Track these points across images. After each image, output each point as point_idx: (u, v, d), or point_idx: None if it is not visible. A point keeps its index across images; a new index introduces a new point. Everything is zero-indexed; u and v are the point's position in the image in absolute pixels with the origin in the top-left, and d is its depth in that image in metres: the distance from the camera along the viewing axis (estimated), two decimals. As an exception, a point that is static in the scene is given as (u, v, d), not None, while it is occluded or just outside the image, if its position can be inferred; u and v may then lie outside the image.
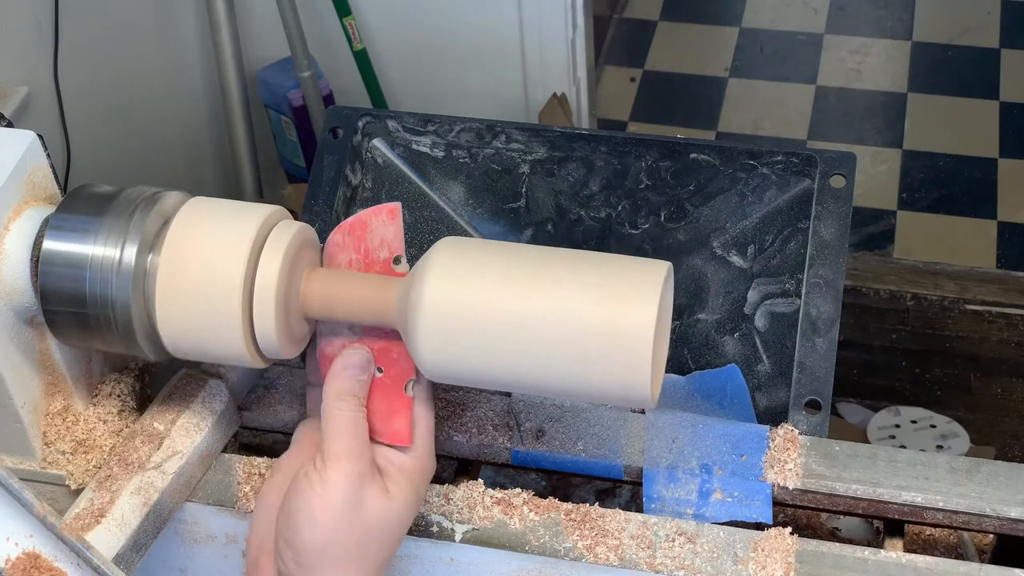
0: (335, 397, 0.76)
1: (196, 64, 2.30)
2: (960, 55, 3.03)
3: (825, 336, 0.92)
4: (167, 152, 2.29)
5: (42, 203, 0.80)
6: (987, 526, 0.83)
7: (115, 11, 2.06)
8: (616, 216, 1.03)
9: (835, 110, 2.91)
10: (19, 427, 0.82)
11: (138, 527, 0.81)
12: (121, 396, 0.87)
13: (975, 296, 2.03)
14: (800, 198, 0.99)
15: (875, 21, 3.14)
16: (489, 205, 1.06)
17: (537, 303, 0.71)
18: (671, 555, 0.81)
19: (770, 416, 0.93)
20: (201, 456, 0.86)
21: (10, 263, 0.77)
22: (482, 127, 1.05)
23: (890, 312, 2.05)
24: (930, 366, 2.04)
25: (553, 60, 2.36)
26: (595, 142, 1.04)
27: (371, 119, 1.06)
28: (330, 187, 1.03)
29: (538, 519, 0.84)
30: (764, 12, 3.17)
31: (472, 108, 2.37)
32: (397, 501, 0.75)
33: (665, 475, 0.86)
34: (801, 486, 0.85)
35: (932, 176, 2.75)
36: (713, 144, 1.02)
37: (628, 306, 0.70)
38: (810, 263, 0.95)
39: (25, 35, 1.82)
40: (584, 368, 0.71)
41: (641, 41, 3.12)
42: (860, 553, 0.81)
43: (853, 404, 2.02)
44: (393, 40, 2.36)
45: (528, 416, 0.89)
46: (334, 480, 0.73)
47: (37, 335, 0.81)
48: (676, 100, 2.98)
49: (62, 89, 1.86)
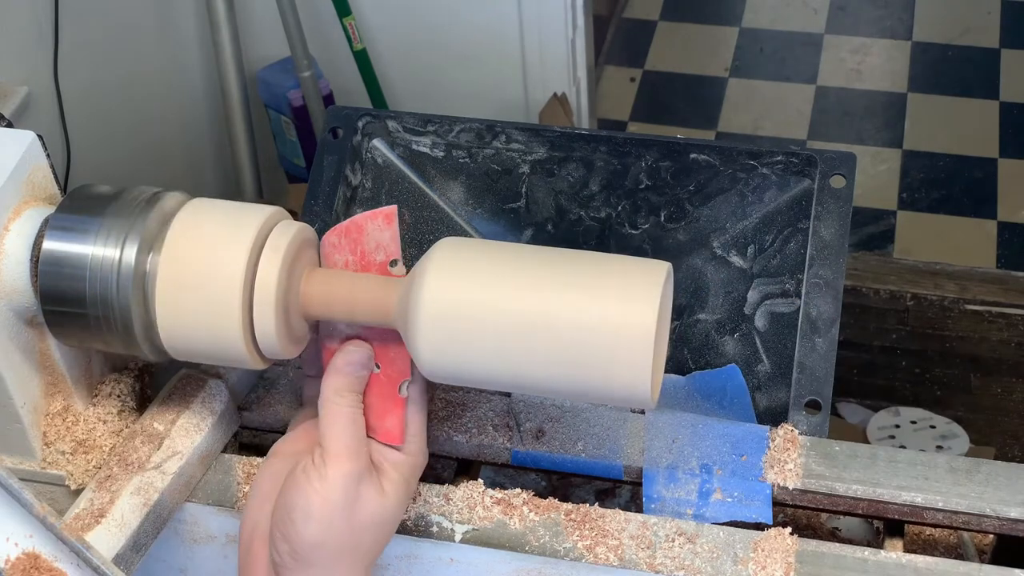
0: (334, 392, 0.76)
1: (196, 64, 2.30)
2: (960, 55, 3.03)
3: (825, 336, 0.92)
4: (167, 152, 2.29)
5: (42, 203, 0.80)
6: (987, 526, 0.83)
7: (115, 11, 2.06)
8: (616, 216, 1.03)
9: (835, 110, 2.92)
10: (19, 427, 0.82)
11: (138, 527, 0.81)
12: (121, 396, 0.87)
13: (975, 296, 2.03)
14: (800, 198, 0.99)
15: (875, 21, 3.14)
16: (489, 205, 1.06)
17: (537, 303, 0.71)
18: (671, 555, 0.81)
19: (770, 416, 0.93)
20: (201, 456, 0.86)
21: (10, 263, 0.77)
22: (482, 127, 1.05)
23: (890, 312, 2.05)
24: (930, 366, 2.04)
25: (553, 60, 2.36)
26: (595, 142, 1.04)
27: (371, 119, 1.06)
28: (330, 187, 1.03)
29: (538, 519, 0.84)
30: (764, 12, 3.18)
31: (472, 108, 2.37)
32: (391, 498, 0.77)
33: (665, 475, 0.86)
34: (801, 486, 0.85)
35: (932, 176, 2.75)
36: (713, 144, 1.02)
37: (628, 306, 0.70)
38: (810, 263, 0.95)
39: (25, 35, 1.82)
40: (584, 368, 0.71)
41: (641, 41, 3.12)
42: (860, 553, 0.81)
43: (853, 404, 2.02)
44: (393, 40, 2.36)
45: (528, 416, 0.89)
46: (333, 478, 0.74)
47: (37, 335, 0.81)
48: (676, 100, 2.98)
49: (62, 89, 1.86)
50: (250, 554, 0.78)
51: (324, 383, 0.77)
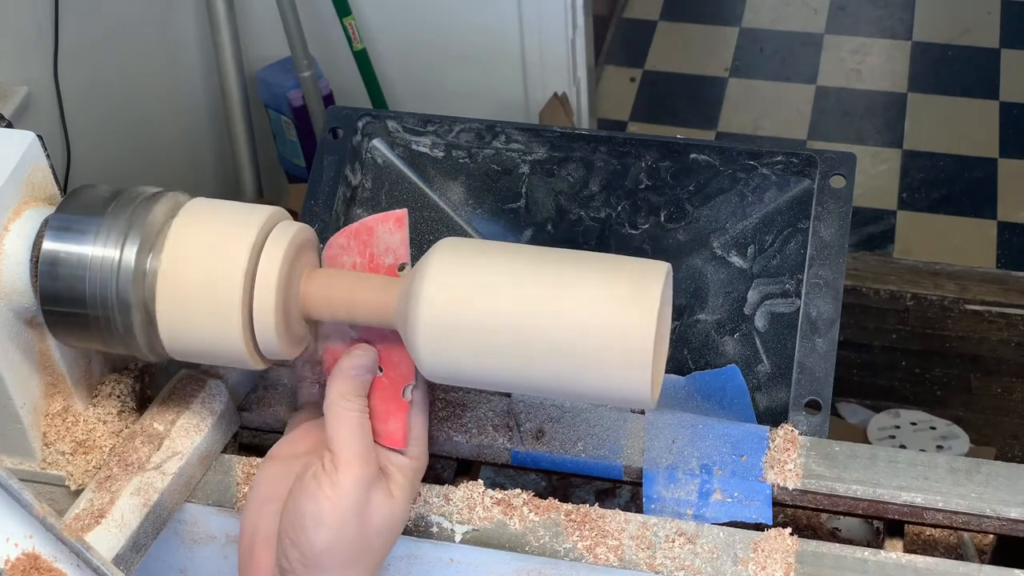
0: (340, 396, 0.76)
1: (196, 64, 2.31)
2: (960, 55, 3.03)
3: (825, 336, 0.92)
4: (167, 152, 2.29)
5: (42, 203, 0.80)
6: (987, 526, 0.83)
7: (115, 11, 2.06)
8: (616, 216, 1.03)
9: (835, 110, 2.92)
10: (19, 427, 0.82)
11: (138, 528, 0.81)
12: (121, 397, 0.87)
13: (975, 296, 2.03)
14: (800, 198, 0.99)
15: (875, 21, 3.14)
16: (489, 205, 1.06)
17: (537, 304, 0.71)
18: (671, 556, 0.81)
19: (770, 416, 0.93)
20: (201, 456, 0.86)
21: (10, 263, 0.77)
22: (482, 127, 1.05)
23: (890, 312, 2.06)
24: (930, 366, 2.05)
25: (553, 60, 2.36)
26: (595, 142, 1.04)
27: (371, 119, 1.06)
28: (330, 187, 1.03)
29: (538, 519, 0.84)
30: (764, 12, 3.18)
31: (472, 108, 2.37)
32: (399, 501, 0.77)
33: (665, 475, 0.86)
34: (801, 486, 0.85)
35: (932, 176, 2.75)
36: (713, 144, 1.01)
37: (628, 307, 0.70)
38: (810, 263, 0.95)
39: (25, 35, 1.82)
40: (584, 368, 0.71)
41: (641, 41, 3.12)
42: (860, 553, 0.81)
43: (853, 404, 2.02)
44: (393, 40, 2.36)
45: (528, 416, 0.89)
46: (345, 484, 0.74)
47: (37, 335, 0.81)
48: (676, 100, 2.98)
49: (62, 89, 1.86)
50: (252, 558, 0.78)
51: (329, 386, 0.77)
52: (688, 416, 0.88)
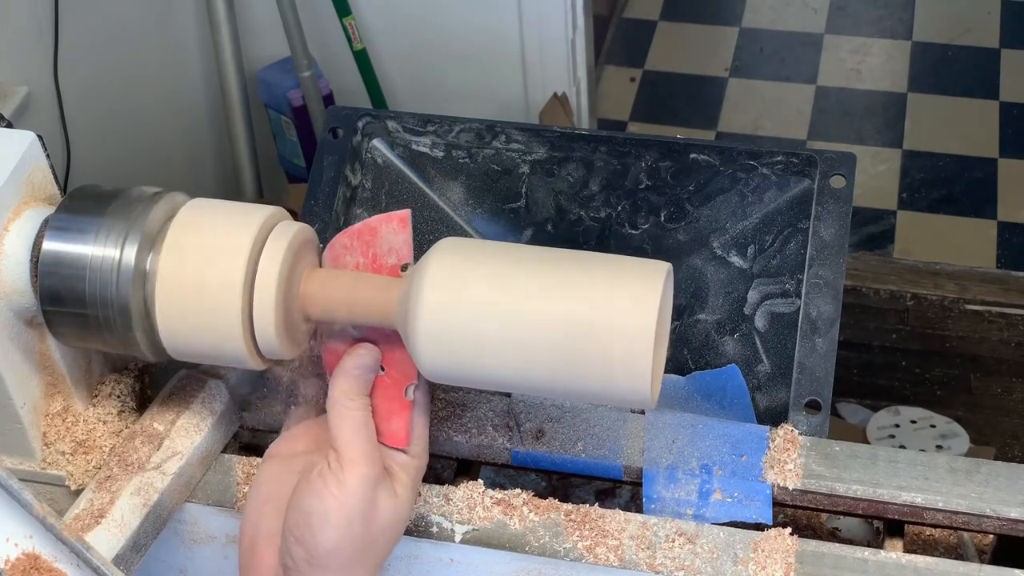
0: (344, 396, 0.76)
1: (196, 64, 2.30)
2: (960, 55, 3.03)
3: (825, 336, 0.92)
4: (167, 152, 2.29)
5: (42, 203, 0.80)
6: (987, 526, 0.83)
7: (115, 11, 2.06)
8: (616, 216, 1.03)
9: (835, 110, 2.91)
10: (19, 427, 0.82)
11: (138, 528, 0.81)
12: (121, 397, 0.87)
13: (975, 296, 2.03)
14: (800, 198, 0.99)
15: (875, 21, 3.14)
16: (489, 205, 1.06)
17: (536, 303, 0.71)
18: (671, 556, 0.81)
19: (770, 416, 0.93)
20: (201, 456, 0.86)
21: (10, 263, 0.77)
22: (482, 127, 1.05)
23: (890, 312, 2.06)
24: (930, 366, 2.05)
25: (553, 60, 2.36)
26: (595, 142, 1.04)
27: (371, 119, 1.06)
28: (330, 187, 1.03)
29: (538, 520, 0.84)
30: (764, 12, 3.17)
31: (472, 108, 2.37)
32: (403, 500, 0.77)
33: (665, 475, 0.86)
34: (801, 486, 0.85)
35: (932, 176, 2.75)
36: (713, 144, 1.01)
37: (628, 307, 0.70)
38: (810, 263, 0.95)
39: (25, 35, 1.82)
40: (584, 368, 0.71)
41: (641, 41, 3.12)
42: (860, 553, 0.81)
43: (853, 404, 2.02)
44: (393, 40, 2.36)
45: (528, 416, 0.89)
46: (352, 484, 0.74)
47: (37, 335, 0.81)
48: (676, 100, 2.98)
49: (62, 89, 1.86)
50: (254, 557, 0.78)
51: (332, 386, 0.77)
52: (688, 416, 0.88)
